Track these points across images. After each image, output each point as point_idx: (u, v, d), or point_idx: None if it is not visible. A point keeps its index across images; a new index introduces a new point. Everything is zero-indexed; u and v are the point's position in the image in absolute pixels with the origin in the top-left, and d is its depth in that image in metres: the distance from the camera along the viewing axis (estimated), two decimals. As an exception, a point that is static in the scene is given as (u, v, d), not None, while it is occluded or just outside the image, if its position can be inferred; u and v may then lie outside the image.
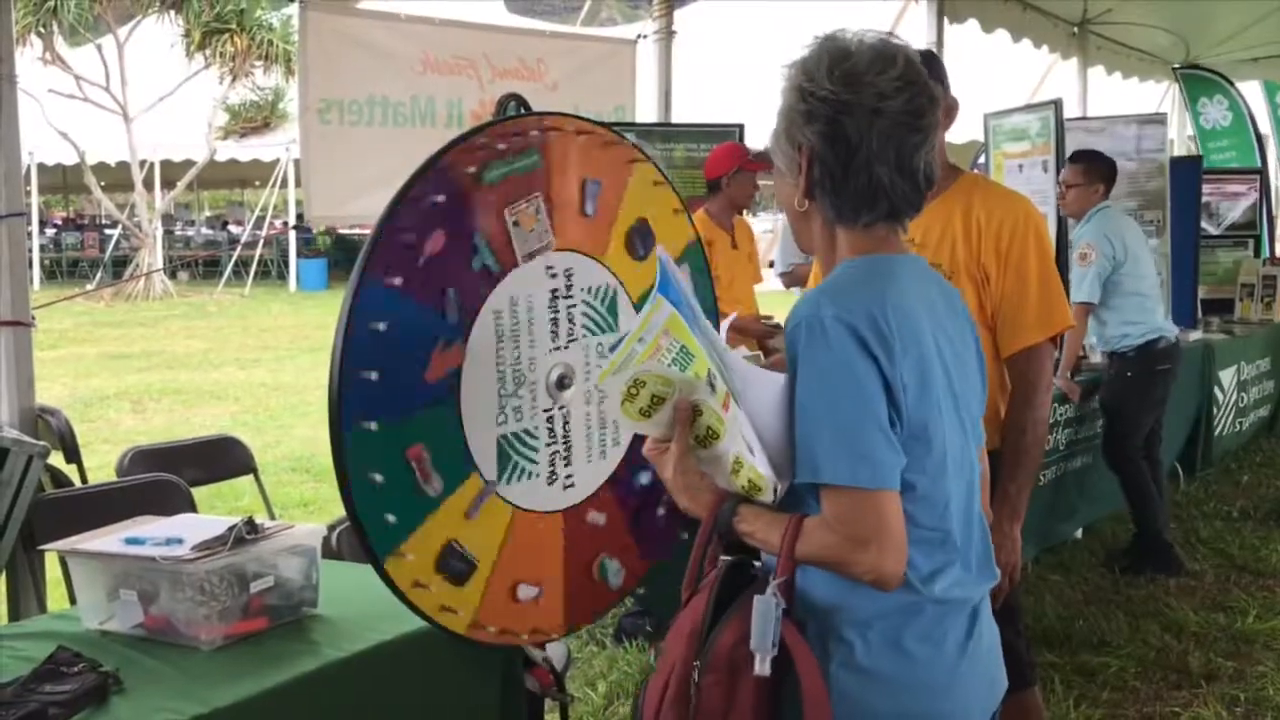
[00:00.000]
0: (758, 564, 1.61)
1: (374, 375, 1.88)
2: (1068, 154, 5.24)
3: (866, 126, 1.53)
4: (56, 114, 17.30)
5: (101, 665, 1.88)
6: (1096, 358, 5.27)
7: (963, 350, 1.64)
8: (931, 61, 2.60)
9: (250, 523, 2.14)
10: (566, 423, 2.19)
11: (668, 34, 5.75)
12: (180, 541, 2.09)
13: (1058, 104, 5.40)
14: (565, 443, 2.19)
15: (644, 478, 2.31)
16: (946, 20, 7.79)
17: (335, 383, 1.86)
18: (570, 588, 2.22)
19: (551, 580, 2.19)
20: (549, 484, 2.17)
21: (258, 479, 4.10)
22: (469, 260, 2.03)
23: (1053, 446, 4.89)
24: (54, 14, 17.16)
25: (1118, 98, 10.13)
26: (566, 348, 2.19)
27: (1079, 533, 5.45)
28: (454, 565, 2.03)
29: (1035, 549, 4.84)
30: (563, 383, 2.18)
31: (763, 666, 1.45)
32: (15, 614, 3.22)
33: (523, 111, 2.43)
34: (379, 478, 1.89)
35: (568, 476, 2.20)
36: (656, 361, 1.51)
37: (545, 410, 2.16)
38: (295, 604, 2.17)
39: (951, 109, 2.49)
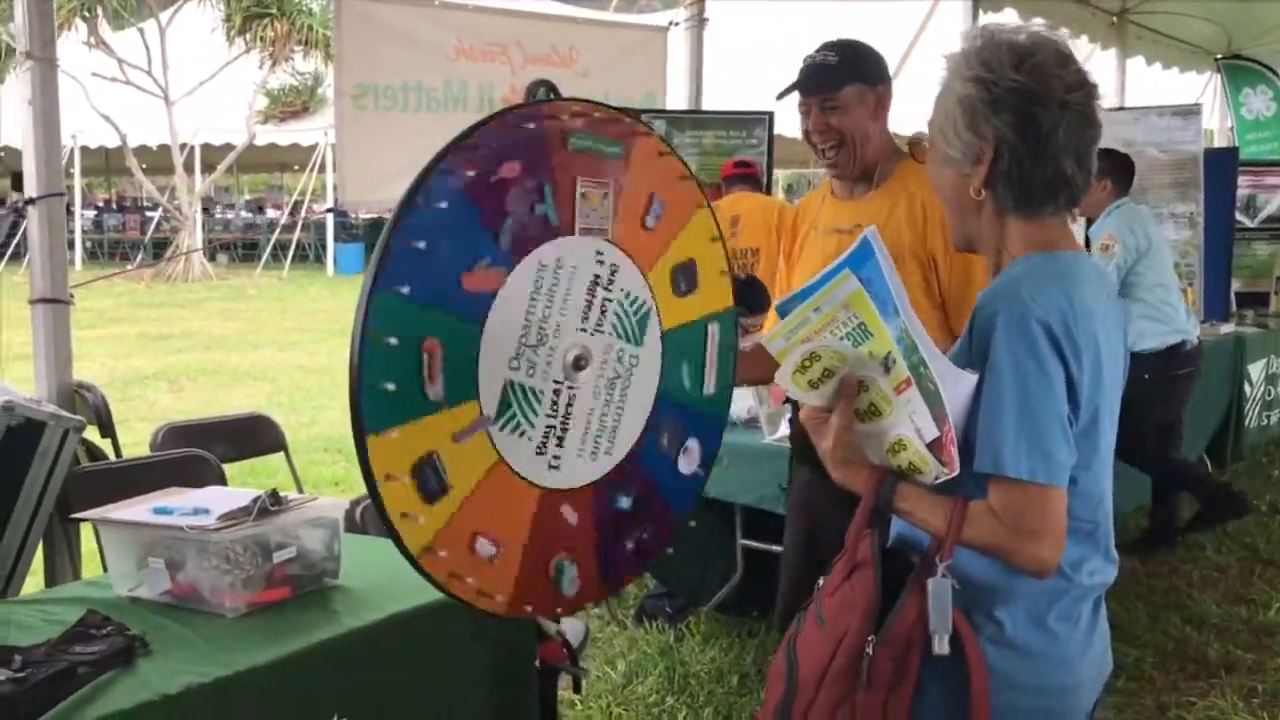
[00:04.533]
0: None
1: (422, 244, 1.88)
2: (1098, 145, 5.23)
3: (1057, 118, 1.59)
4: (99, 97, 17.54)
5: (129, 629, 1.95)
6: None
7: (1116, 345, 1.69)
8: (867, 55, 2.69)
9: (274, 495, 2.21)
10: (570, 405, 2.17)
11: (699, 21, 5.77)
12: (207, 512, 2.16)
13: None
14: (563, 424, 2.17)
15: (624, 502, 2.26)
16: (981, 10, 7.77)
17: (384, 241, 1.86)
18: (525, 568, 2.14)
19: (510, 549, 2.12)
20: (537, 454, 2.14)
21: (288, 456, 4.18)
22: (533, 203, 2.04)
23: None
24: (98, -2, 17.39)
25: (1157, 88, 10.05)
26: (592, 334, 2.17)
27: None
28: (429, 478, 1.97)
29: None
30: (578, 363, 2.19)
31: (941, 645, 1.53)
32: (51, 581, 3.31)
33: (552, 97, 2.47)
34: (394, 341, 1.88)
35: (555, 457, 2.17)
36: (830, 333, 1.57)
37: (555, 382, 2.13)
38: (317, 574, 2.24)
39: (884, 98, 2.69)
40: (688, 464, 2.32)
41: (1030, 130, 1.60)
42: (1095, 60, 10.66)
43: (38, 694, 1.69)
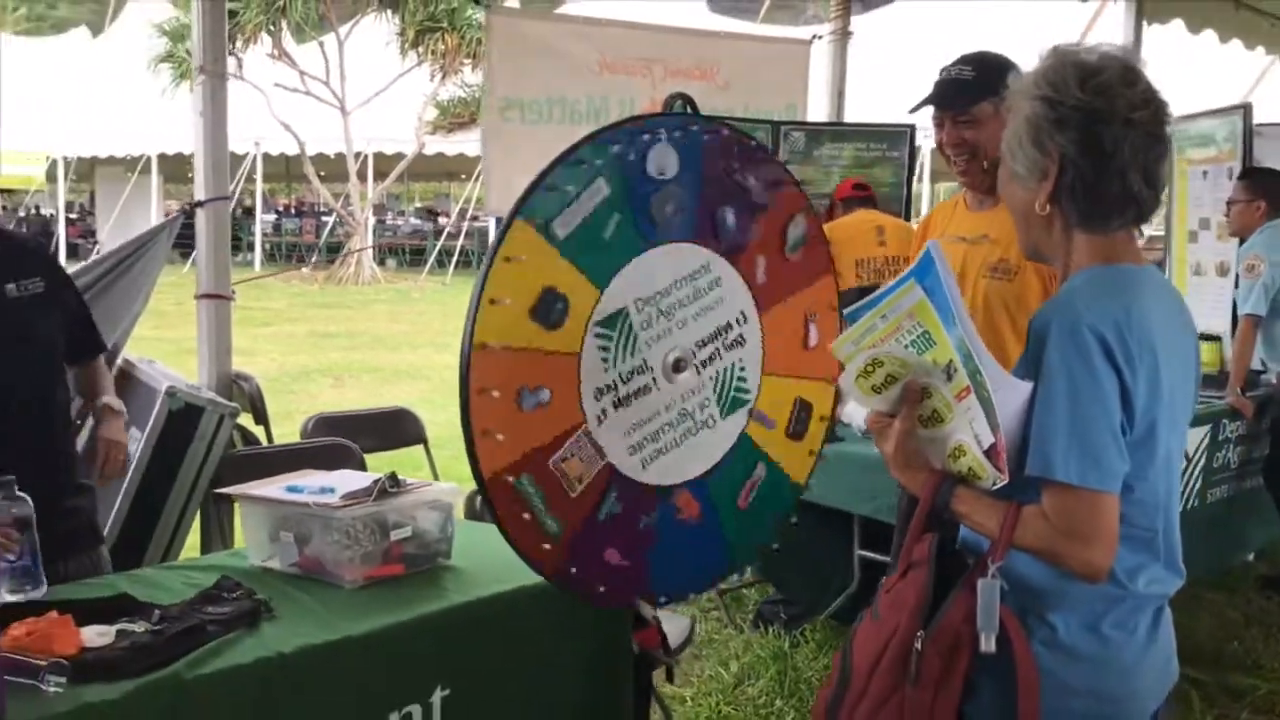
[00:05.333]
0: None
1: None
2: (1254, 162, 5.06)
3: (1121, 136, 1.63)
4: (281, 107, 18.49)
5: (256, 594, 2.14)
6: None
7: (1186, 356, 1.73)
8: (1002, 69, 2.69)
9: (393, 478, 2.38)
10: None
11: (843, 35, 5.81)
12: (332, 491, 2.34)
13: (1247, 109, 5.22)
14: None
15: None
16: (1146, 21, 7.55)
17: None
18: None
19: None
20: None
21: (427, 449, 4.39)
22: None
23: (1222, 464, 4.74)
24: (283, 12, 18.29)
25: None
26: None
27: (1250, 556, 5.25)
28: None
29: (1201, 570, 4.70)
30: (678, 365, 2.26)
31: (988, 644, 1.59)
32: (206, 551, 3.59)
33: (688, 110, 2.57)
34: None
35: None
36: (895, 341, 1.65)
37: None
38: (431, 554, 2.39)
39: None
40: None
41: (1094, 147, 1.63)
42: (1275, 73, 10.22)
43: (170, 645, 1.88)
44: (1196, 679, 3.86)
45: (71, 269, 3.27)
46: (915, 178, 12.91)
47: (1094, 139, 1.64)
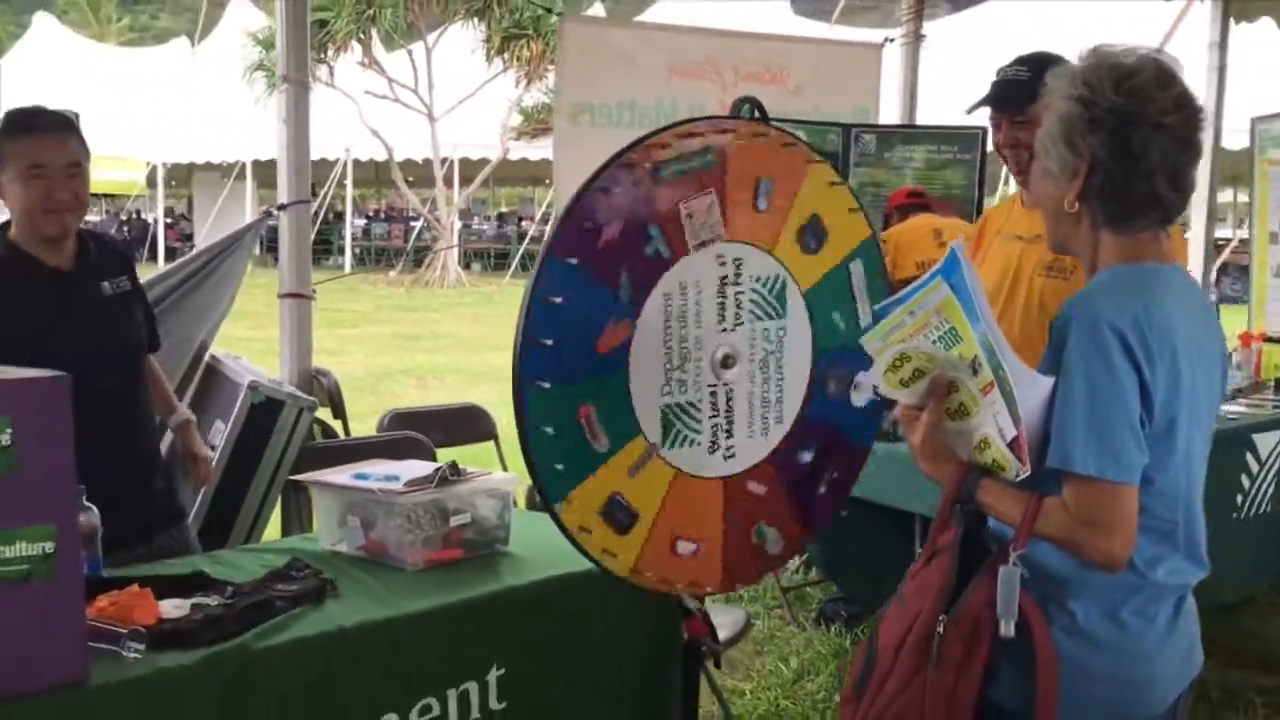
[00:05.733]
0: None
1: (549, 342, 2.16)
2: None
3: (1150, 139, 1.67)
4: (370, 114, 18.92)
5: (323, 574, 2.26)
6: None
7: (1209, 353, 1.77)
8: None
9: (454, 467, 2.49)
10: (730, 399, 2.40)
11: (915, 38, 5.82)
12: (397, 478, 2.46)
13: (1331, 108, 5.13)
14: (728, 417, 2.40)
15: (806, 456, 2.49)
16: (1233, 20, 7.42)
17: (517, 347, 2.15)
18: (728, 549, 2.43)
19: (710, 540, 2.41)
20: (710, 453, 2.39)
21: (497, 445, 4.52)
22: (643, 247, 2.28)
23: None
24: (373, 21, 18.71)
25: None
26: (733, 330, 2.38)
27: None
28: (618, 516, 2.28)
29: (1275, 576, 4.63)
30: (727, 362, 2.37)
31: (1007, 629, 1.65)
32: (286, 535, 3.74)
33: (756, 115, 2.65)
34: (550, 430, 2.17)
35: (729, 448, 2.41)
36: (923, 337, 1.71)
37: (709, 386, 2.36)
38: (489, 540, 2.49)
39: None
40: (860, 398, 2.45)
41: (1123, 149, 1.67)
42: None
43: (240, 618, 2.01)
44: (1264, 686, 3.81)
45: (162, 269, 3.45)
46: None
47: (1124, 141, 1.67)
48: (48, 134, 2.61)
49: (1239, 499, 3.92)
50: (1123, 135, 1.67)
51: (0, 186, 2.64)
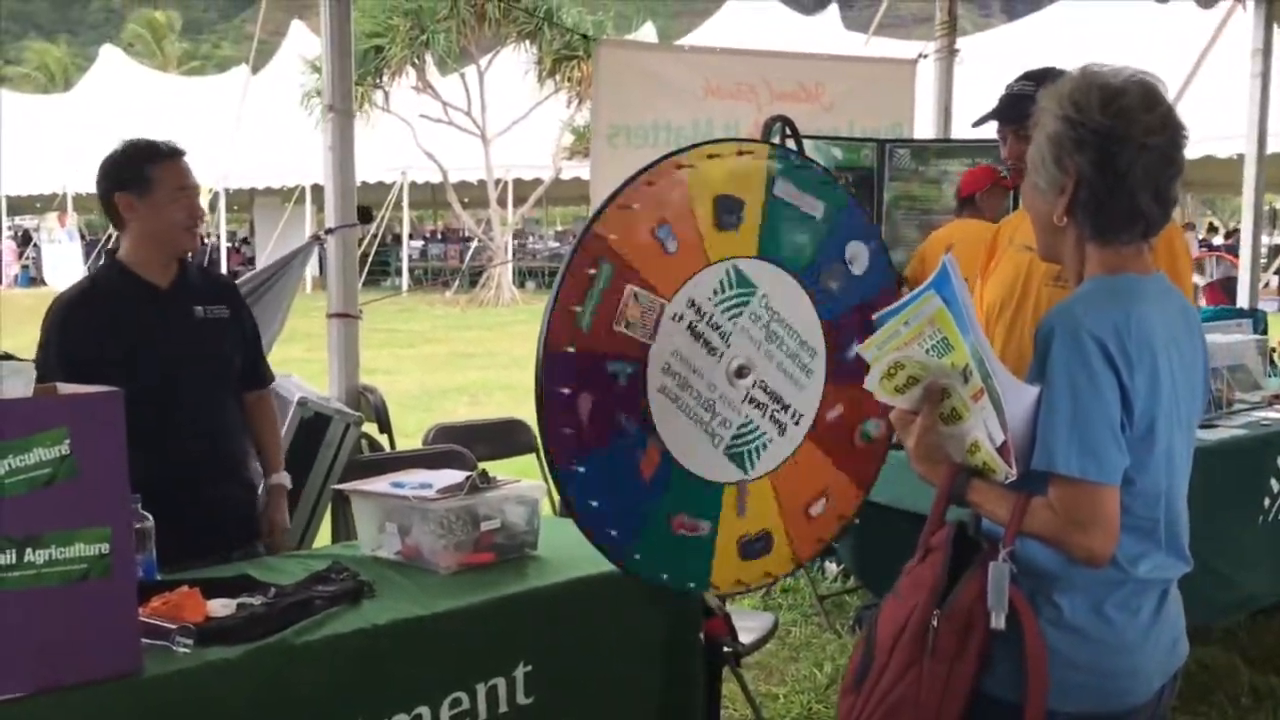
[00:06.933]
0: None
1: (594, 504, 2.30)
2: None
3: (1135, 158, 1.74)
4: (425, 137, 19.24)
5: (361, 576, 2.40)
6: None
7: (1191, 359, 1.85)
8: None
9: (484, 475, 2.62)
10: (765, 387, 2.46)
11: (949, 53, 5.90)
12: (430, 486, 2.59)
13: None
14: (775, 399, 2.47)
15: (850, 353, 2.47)
16: (1277, 24, 7.39)
17: (580, 527, 2.34)
18: (848, 474, 2.59)
19: (831, 485, 2.56)
20: (782, 434, 2.48)
21: (539, 457, 4.63)
22: (613, 385, 2.30)
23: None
24: (426, 46, 19.04)
25: None
26: (728, 347, 2.42)
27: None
28: (755, 549, 2.47)
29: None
30: (742, 373, 2.45)
31: (998, 622, 1.75)
32: (335, 542, 3.89)
33: (788, 132, 2.72)
34: (660, 552, 2.39)
35: (794, 416, 2.50)
36: (917, 346, 1.80)
37: (744, 400, 2.44)
38: (518, 544, 2.62)
39: None
40: (861, 267, 2.54)
41: (1108, 168, 1.75)
42: None
43: (281, 616, 2.15)
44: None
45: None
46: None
47: (1110, 160, 1.75)
48: (184, 160, 2.92)
49: (1266, 502, 3.94)
50: (1109, 154, 1.75)
51: (131, 210, 2.86)
